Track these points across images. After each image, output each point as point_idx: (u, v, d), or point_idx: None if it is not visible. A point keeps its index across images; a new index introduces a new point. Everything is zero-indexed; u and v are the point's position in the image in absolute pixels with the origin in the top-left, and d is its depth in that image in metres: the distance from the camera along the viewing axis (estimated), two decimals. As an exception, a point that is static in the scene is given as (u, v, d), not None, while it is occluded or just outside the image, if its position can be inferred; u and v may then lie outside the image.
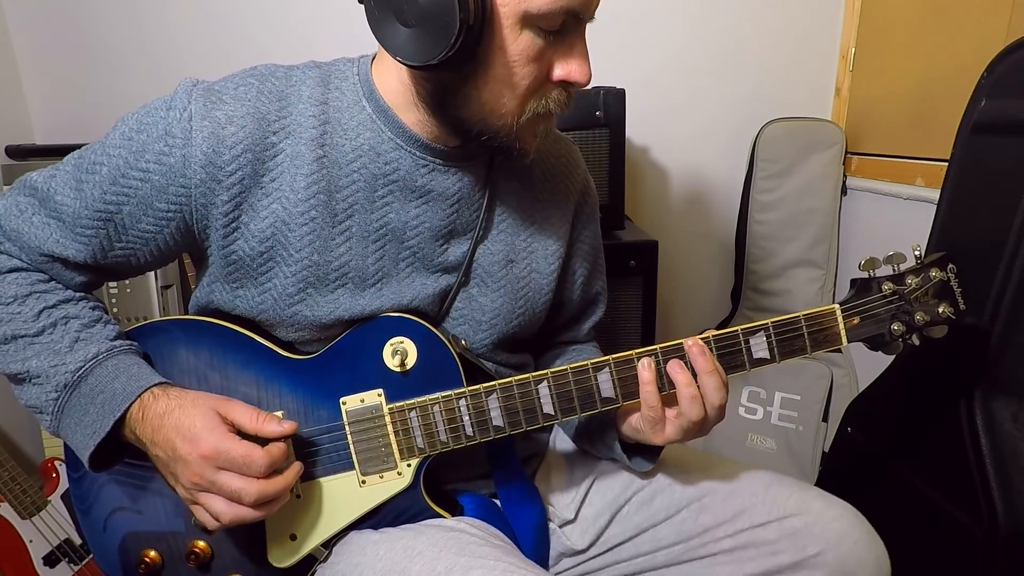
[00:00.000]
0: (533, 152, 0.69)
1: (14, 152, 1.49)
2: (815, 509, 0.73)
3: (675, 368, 0.67)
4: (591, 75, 0.64)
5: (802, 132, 1.66)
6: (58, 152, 1.41)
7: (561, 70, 0.63)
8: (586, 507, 0.83)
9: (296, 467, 0.65)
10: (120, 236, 0.68)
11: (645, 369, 0.67)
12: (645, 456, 0.77)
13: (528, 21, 0.59)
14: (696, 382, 0.66)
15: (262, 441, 0.63)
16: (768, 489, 0.75)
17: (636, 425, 0.71)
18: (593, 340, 0.95)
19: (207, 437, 0.61)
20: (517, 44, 0.60)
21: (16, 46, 1.57)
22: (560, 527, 0.83)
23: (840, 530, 0.71)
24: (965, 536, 0.92)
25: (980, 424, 0.92)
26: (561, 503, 0.84)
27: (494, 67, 0.61)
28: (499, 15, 0.59)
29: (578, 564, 0.83)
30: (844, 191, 1.69)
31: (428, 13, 0.56)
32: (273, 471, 0.62)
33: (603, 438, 0.79)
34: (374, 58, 0.72)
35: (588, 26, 0.64)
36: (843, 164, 1.66)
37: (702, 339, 0.67)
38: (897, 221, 1.52)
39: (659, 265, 1.43)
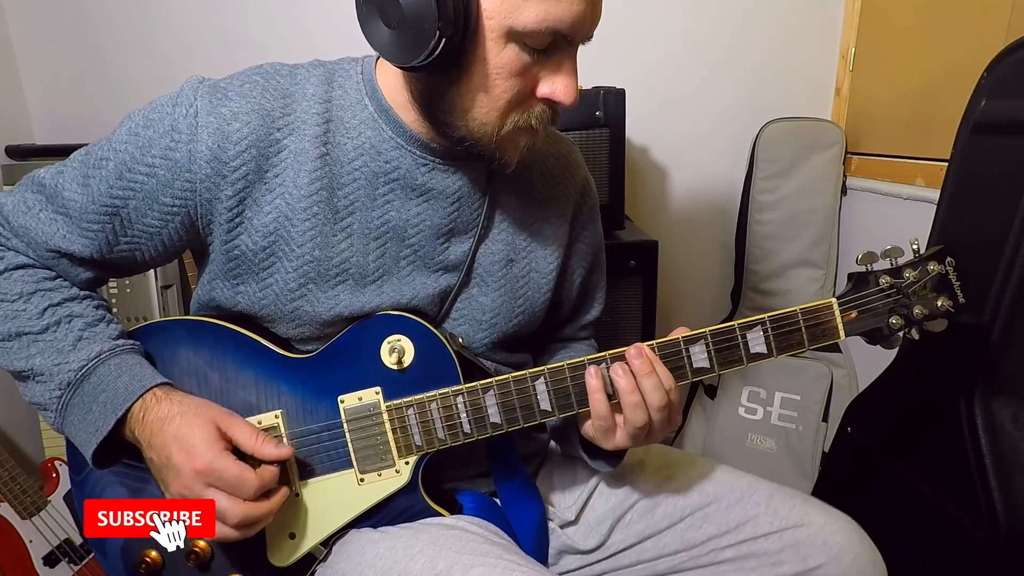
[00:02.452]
0: (514, 164, 0.69)
1: (14, 152, 1.49)
2: (817, 521, 0.73)
3: (617, 372, 0.65)
4: (577, 96, 0.64)
5: (802, 132, 1.66)
6: (58, 152, 1.41)
7: (546, 88, 0.63)
8: (588, 511, 0.82)
9: (282, 493, 0.65)
10: (126, 231, 0.68)
11: (592, 377, 0.66)
12: (608, 459, 0.75)
13: (513, 36, 0.59)
14: (638, 386, 0.64)
15: (257, 461, 0.64)
16: (771, 499, 0.75)
17: (588, 431, 0.70)
18: (590, 338, 0.94)
19: (204, 452, 0.61)
20: (500, 57, 0.60)
21: (16, 46, 1.58)
22: (560, 528, 0.83)
23: (841, 543, 0.71)
24: (965, 536, 0.92)
25: (980, 424, 0.92)
26: (562, 504, 0.84)
27: (475, 77, 0.61)
28: (483, 27, 0.59)
29: (579, 564, 0.82)
30: (844, 191, 1.69)
31: (408, 17, 0.57)
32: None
33: (569, 437, 0.78)
34: (379, 58, 0.72)
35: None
36: (843, 164, 1.66)
37: (650, 344, 0.66)
38: (897, 221, 1.52)
39: (659, 265, 1.43)
